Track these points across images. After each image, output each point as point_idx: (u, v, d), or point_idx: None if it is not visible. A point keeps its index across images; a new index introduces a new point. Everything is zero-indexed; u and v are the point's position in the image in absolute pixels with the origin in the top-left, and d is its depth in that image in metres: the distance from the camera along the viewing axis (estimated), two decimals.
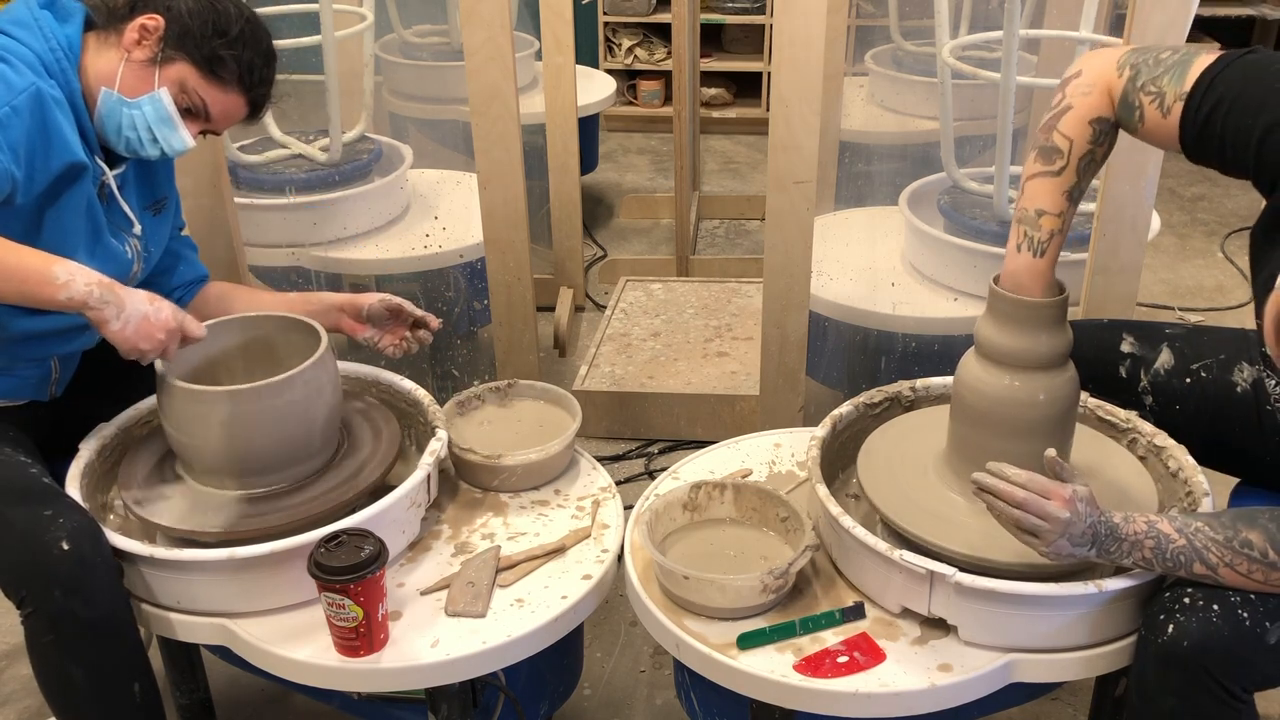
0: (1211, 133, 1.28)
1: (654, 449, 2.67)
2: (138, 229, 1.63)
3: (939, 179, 2.64)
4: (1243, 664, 1.22)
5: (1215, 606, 1.23)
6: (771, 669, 1.33)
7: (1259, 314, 1.25)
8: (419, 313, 1.77)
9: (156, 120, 1.52)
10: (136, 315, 1.41)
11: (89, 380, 1.69)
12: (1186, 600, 1.25)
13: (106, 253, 1.55)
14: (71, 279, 1.36)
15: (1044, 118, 1.39)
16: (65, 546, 1.35)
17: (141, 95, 1.51)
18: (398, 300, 1.75)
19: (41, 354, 1.59)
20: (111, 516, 1.58)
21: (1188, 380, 1.60)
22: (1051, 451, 1.32)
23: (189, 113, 1.56)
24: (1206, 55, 1.31)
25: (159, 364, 1.50)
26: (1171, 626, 1.24)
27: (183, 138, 1.55)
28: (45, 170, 1.44)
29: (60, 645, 1.39)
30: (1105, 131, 1.38)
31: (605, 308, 3.17)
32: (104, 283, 1.38)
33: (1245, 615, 1.22)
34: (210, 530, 1.47)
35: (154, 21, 1.51)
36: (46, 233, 1.46)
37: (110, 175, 1.56)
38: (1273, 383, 1.49)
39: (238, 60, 1.54)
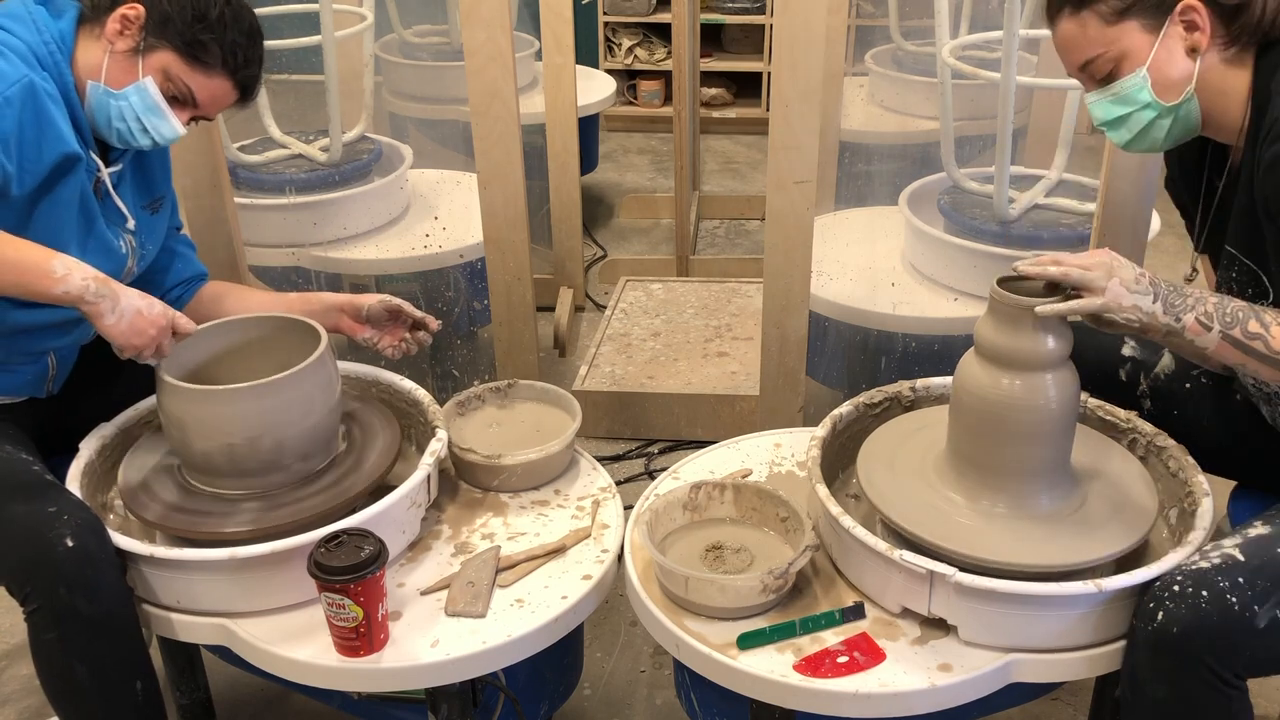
0: None
1: (654, 449, 2.67)
2: (131, 224, 1.62)
3: (939, 179, 2.64)
4: (1233, 649, 1.22)
5: (1204, 593, 1.23)
6: (771, 669, 1.33)
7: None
8: (418, 314, 1.77)
9: (144, 110, 1.52)
10: (130, 310, 1.42)
11: (87, 378, 1.69)
12: (1176, 588, 1.25)
13: (100, 246, 1.55)
14: (69, 273, 1.37)
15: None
16: (70, 543, 1.35)
17: (127, 86, 1.51)
18: (397, 301, 1.75)
19: (38, 348, 1.59)
20: (111, 516, 1.58)
21: (1187, 385, 1.60)
22: None
23: (176, 100, 1.55)
24: None
25: (158, 364, 1.50)
26: (1161, 614, 1.24)
27: (172, 125, 1.55)
28: (38, 162, 1.44)
29: (64, 642, 1.39)
30: None
31: (605, 308, 3.17)
32: (100, 278, 1.40)
33: (1234, 600, 1.22)
34: (210, 530, 1.47)
35: (134, 11, 1.51)
36: (38, 225, 1.46)
37: (105, 172, 1.56)
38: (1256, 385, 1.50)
39: (220, 44, 1.53)
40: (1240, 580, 1.24)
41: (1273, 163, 1.29)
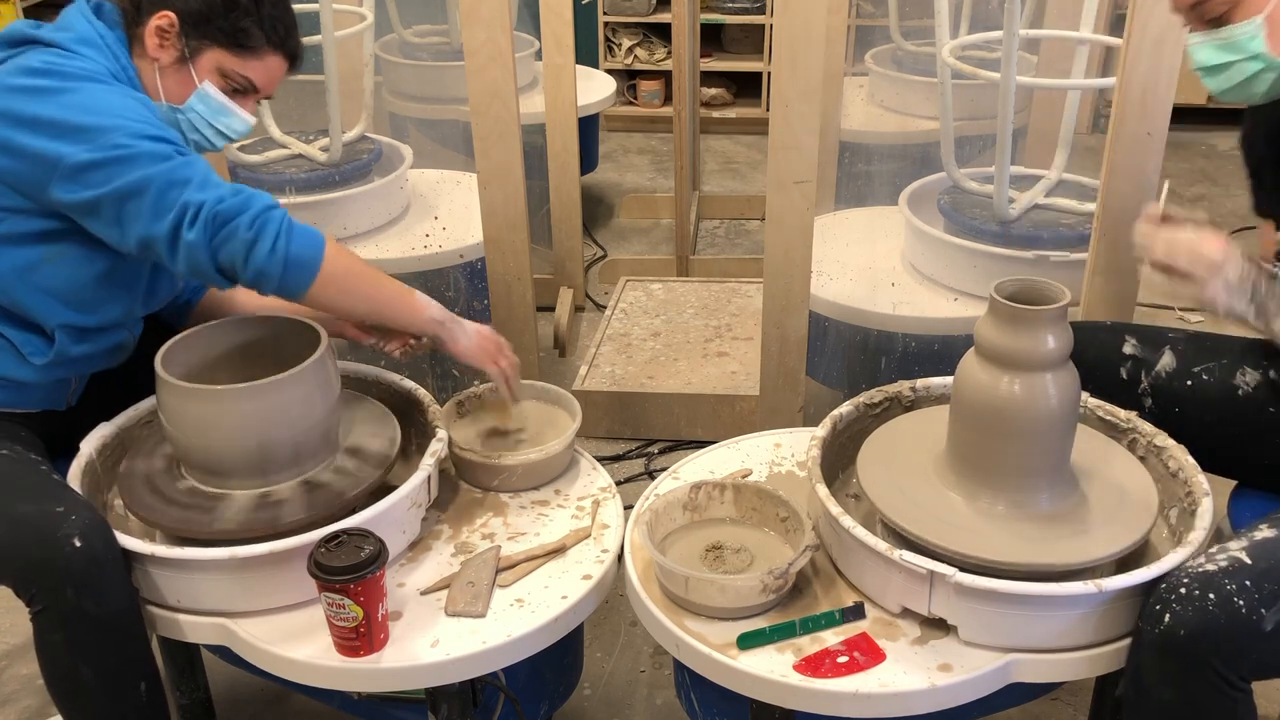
0: None
1: (654, 449, 2.67)
2: None
3: (939, 179, 2.64)
4: (1240, 652, 1.22)
5: (1211, 596, 1.23)
6: (771, 669, 1.33)
7: None
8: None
9: (212, 114, 1.54)
10: (473, 330, 1.63)
11: (102, 389, 1.68)
12: (1183, 590, 1.25)
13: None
14: (429, 303, 1.59)
15: None
16: (77, 543, 1.34)
17: (188, 98, 1.52)
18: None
19: (72, 374, 1.60)
20: (112, 516, 1.58)
21: (1189, 383, 1.60)
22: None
23: (237, 92, 1.56)
24: None
25: (159, 365, 1.50)
26: (1168, 616, 1.24)
27: (243, 119, 1.58)
28: None
29: (70, 643, 1.38)
30: None
31: (605, 308, 3.17)
32: (442, 308, 1.60)
33: (1241, 603, 1.22)
34: (210, 529, 1.47)
35: (166, 19, 1.50)
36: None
37: None
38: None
39: (259, 24, 1.53)
40: (1247, 583, 1.24)
41: None
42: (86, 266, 1.51)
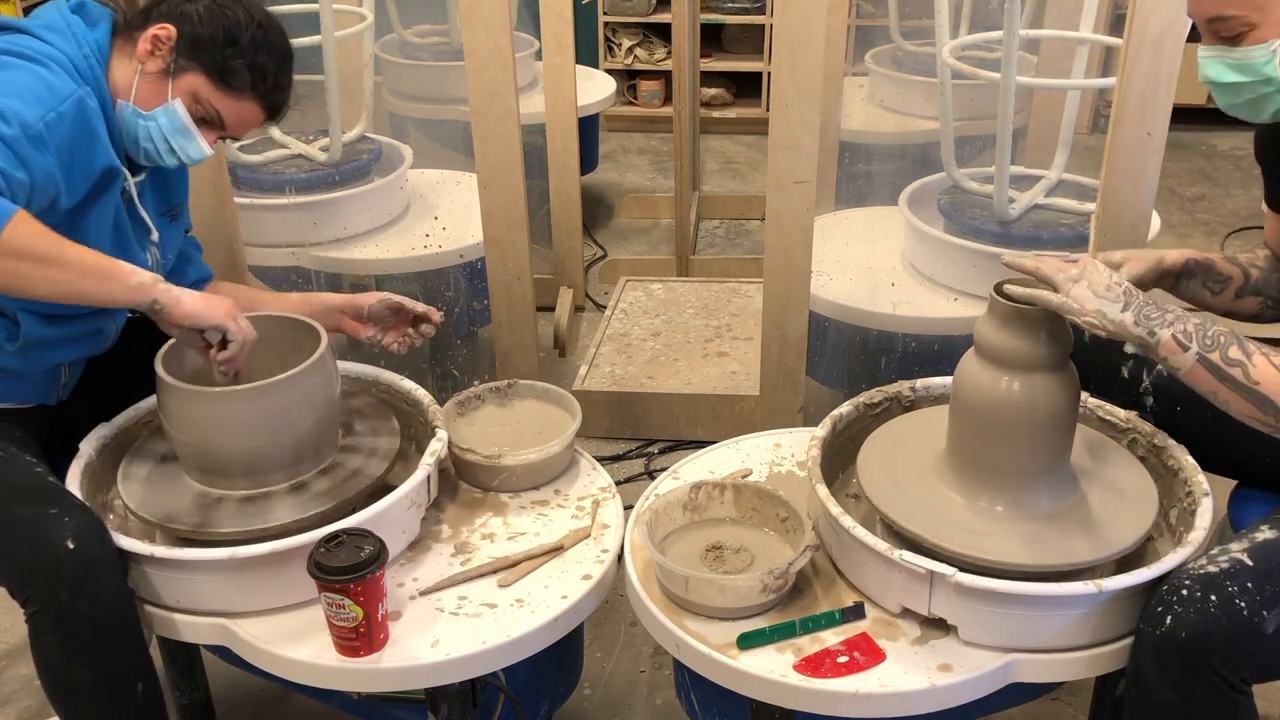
0: None
1: (654, 449, 2.67)
2: (155, 235, 1.63)
3: (939, 179, 2.64)
4: (1241, 653, 1.22)
5: (1213, 597, 1.23)
6: (771, 669, 1.33)
7: None
8: (420, 308, 1.77)
9: (172, 131, 1.52)
10: (194, 293, 1.47)
11: (94, 384, 1.69)
12: (1184, 592, 1.25)
13: (129, 259, 1.55)
14: (135, 270, 1.42)
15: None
16: (71, 545, 1.34)
17: (156, 108, 1.51)
18: (397, 298, 1.75)
19: (53, 361, 1.59)
20: (111, 516, 1.58)
21: None
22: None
23: (204, 121, 1.55)
24: None
25: (159, 365, 1.50)
26: (1170, 618, 1.24)
27: (200, 147, 1.55)
28: (85, 176, 1.45)
29: (65, 645, 1.38)
30: None
31: (605, 308, 3.17)
32: (156, 275, 1.45)
33: (1243, 605, 1.22)
34: (210, 530, 1.47)
35: (165, 31, 1.50)
36: (77, 238, 1.46)
37: (131, 182, 1.56)
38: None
39: (250, 68, 1.53)
40: (1249, 585, 1.24)
41: None
42: None
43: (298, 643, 1.40)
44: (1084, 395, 1.56)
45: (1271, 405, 1.25)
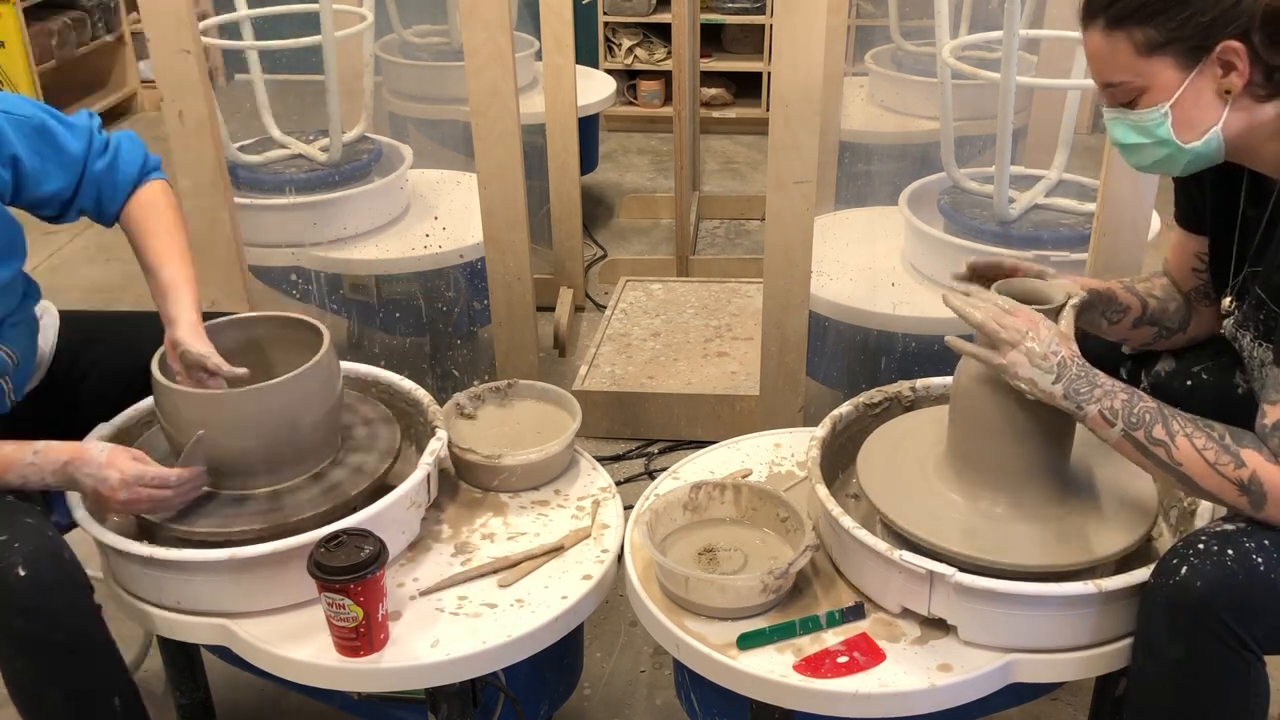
0: None
1: (654, 449, 2.67)
2: None
3: (939, 179, 2.64)
4: (1254, 611, 1.21)
5: (1230, 551, 1.22)
6: (771, 669, 1.33)
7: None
8: (225, 370, 1.53)
9: None
10: (99, 493, 1.44)
11: (56, 385, 1.67)
12: (1201, 546, 1.24)
13: None
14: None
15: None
16: (21, 572, 1.32)
17: None
18: (196, 357, 1.53)
19: None
20: (112, 517, 1.58)
21: (1188, 383, 1.60)
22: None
23: None
24: None
25: (155, 368, 1.50)
26: (1185, 569, 1.23)
27: None
28: None
29: (33, 669, 1.37)
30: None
31: (605, 308, 3.16)
32: (57, 470, 1.43)
33: (1260, 561, 1.21)
34: (210, 530, 1.47)
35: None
36: None
37: None
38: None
39: None
40: (1266, 543, 1.23)
41: None
42: None
43: (298, 643, 1.40)
44: None
45: (1194, 485, 1.27)
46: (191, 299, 1.55)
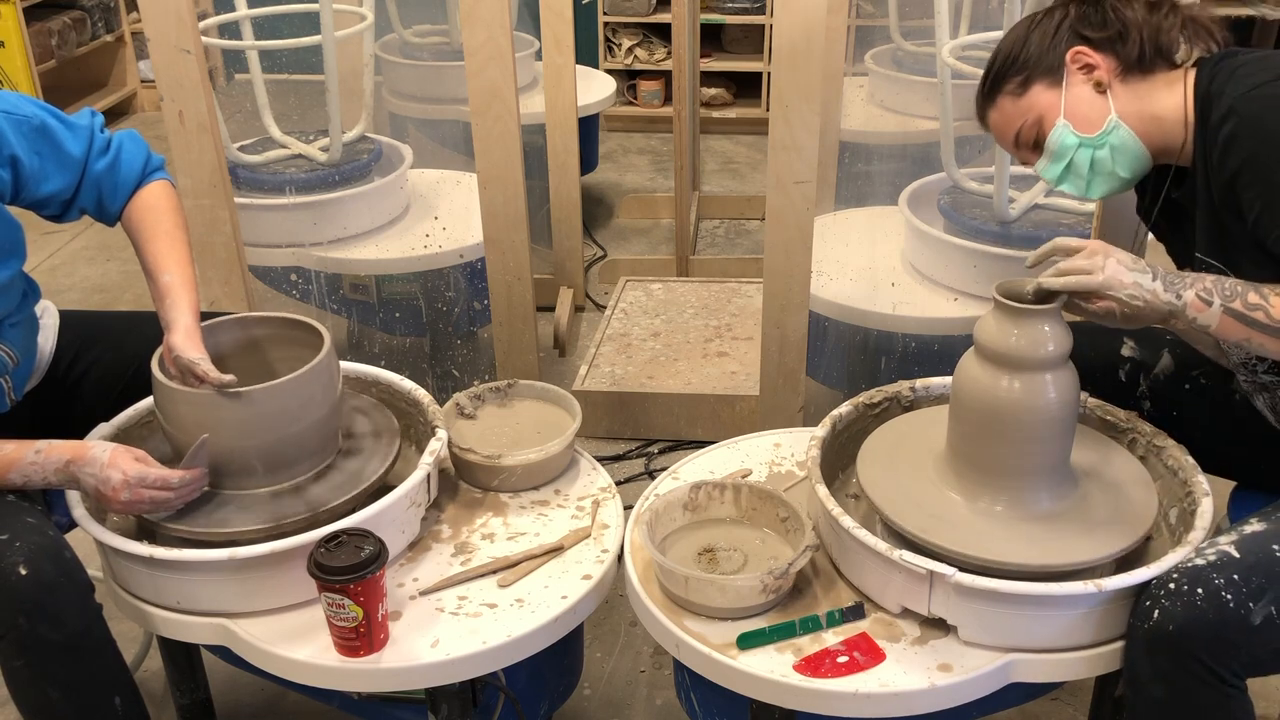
0: None
1: (654, 449, 2.67)
2: None
3: (939, 179, 2.64)
4: (1229, 646, 1.23)
5: (1199, 590, 1.24)
6: (771, 669, 1.33)
7: None
8: (213, 375, 1.50)
9: None
10: (100, 493, 1.43)
11: (57, 382, 1.68)
12: (1171, 586, 1.26)
13: None
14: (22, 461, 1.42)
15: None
16: (23, 571, 1.32)
17: None
18: (187, 364, 1.51)
19: None
20: (111, 517, 1.58)
21: (1187, 386, 1.60)
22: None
23: None
24: None
25: (155, 368, 1.50)
26: (1157, 612, 1.25)
27: None
28: None
29: (33, 669, 1.37)
30: None
31: (605, 308, 3.17)
32: (59, 469, 1.43)
33: (1229, 598, 1.23)
34: (210, 530, 1.47)
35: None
36: None
37: None
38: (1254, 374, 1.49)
39: None
40: (1235, 577, 1.24)
41: (1226, 141, 1.31)
42: None
43: (298, 643, 1.40)
44: (1084, 395, 1.56)
45: None
46: (189, 303, 1.55)
